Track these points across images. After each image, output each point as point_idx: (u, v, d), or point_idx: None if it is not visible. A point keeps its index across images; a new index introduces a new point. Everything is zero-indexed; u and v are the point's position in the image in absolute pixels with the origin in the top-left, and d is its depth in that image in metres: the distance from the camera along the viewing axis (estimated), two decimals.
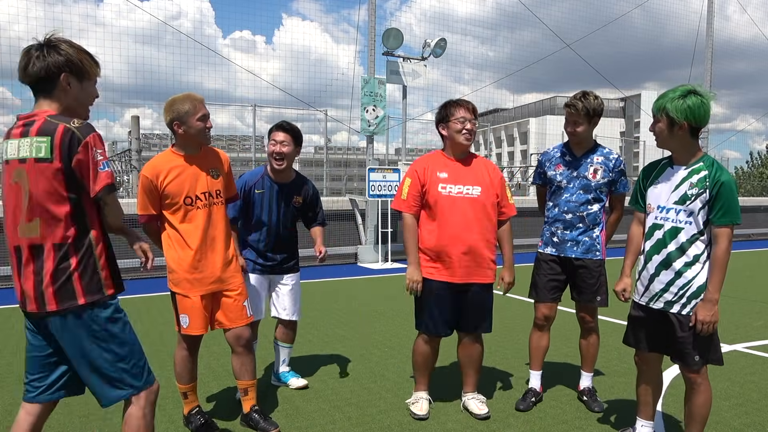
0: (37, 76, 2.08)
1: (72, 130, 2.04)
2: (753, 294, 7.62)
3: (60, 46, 2.09)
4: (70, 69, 2.10)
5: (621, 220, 3.81)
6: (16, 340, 5.32)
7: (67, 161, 2.06)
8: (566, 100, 3.60)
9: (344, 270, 10.07)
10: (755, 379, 4.27)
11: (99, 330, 2.18)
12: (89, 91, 2.20)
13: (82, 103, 2.20)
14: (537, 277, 3.77)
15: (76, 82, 2.13)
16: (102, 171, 2.09)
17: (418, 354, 3.65)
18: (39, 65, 2.07)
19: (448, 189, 3.44)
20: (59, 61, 2.07)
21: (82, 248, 2.15)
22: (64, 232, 2.12)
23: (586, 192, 3.59)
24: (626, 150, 30.22)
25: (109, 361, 2.20)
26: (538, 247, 3.80)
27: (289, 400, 3.84)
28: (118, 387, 2.24)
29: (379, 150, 17.44)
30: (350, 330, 5.77)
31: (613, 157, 3.65)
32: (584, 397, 3.79)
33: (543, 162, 3.80)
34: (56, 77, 2.08)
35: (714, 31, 16.88)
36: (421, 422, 3.49)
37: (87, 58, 2.15)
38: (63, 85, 2.10)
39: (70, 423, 3.47)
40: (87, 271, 2.15)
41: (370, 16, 11.75)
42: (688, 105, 2.66)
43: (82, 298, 2.14)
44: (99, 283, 2.18)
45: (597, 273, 3.64)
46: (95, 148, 2.07)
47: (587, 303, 3.68)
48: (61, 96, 2.13)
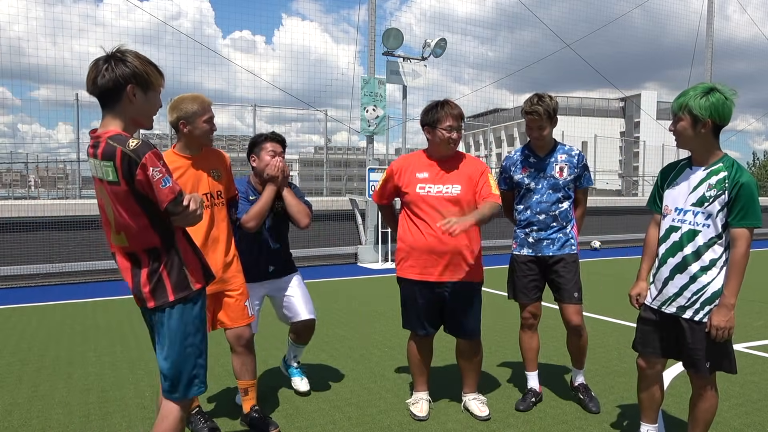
0: (106, 88, 2.15)
1: (128, 154, 2.10)
2: (753, 294, 7.62)
3: (126, 57, 2.16)
4: (136, 80, 2.17)
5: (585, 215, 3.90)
6: (16, 340, 5.32)
7: (131, 183, 2.14)
8: (523, 106, 3.57)
9: (344, 270, 10.07)
10: (755, 379, 4.27)
11: (189, 323, 2.32)
12: (153, 101, 2.27)
13: (146, 114, 2.27)
14: (516, 279, 3.74)
15: (142, 93, 2.20)
16: (163, 188, 2.15)
17: (411, 354, 3.67)
18: (108, 77, 2.14)
19: (427, 189, 3.44)
20: (126, 72, 2.14)
21: (168, 251, 2.28)
22: (149, 240, 2.24)
23: (555, 191, 3.62)
24: (626, 150, 30.18)
25: (192, 355, 2.34)
26: (513, 249, 3.79)
27: (289, 400, 3.84)
28: (193, 384, 2.35)
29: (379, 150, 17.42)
30: (350, 330, 5.77)
31: (575, 153, 3.69)
32: (580, 394, 3.77)
33: (508, 167, 3.78)
34: (123, 89, 2.15)
35: (714, 31, 16.88)
36: (421, 422, 3.49)
37: (152, 69, 2.23)
38: (129, 96, 2.17)
39: (70, 423, 3.47)
40: (174, 270, 2.28)
41: (370, 16, 11.75)
42: (711, 102, 2.58)
43: (171, 295, 2.27)
44: (185, 280, 2.30)
45: (573, 267, 3.65)
46: (152, 167, 2.13)
47: (570, 301, 3.64)
48: (126, 108, 2.20)
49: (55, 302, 7.19)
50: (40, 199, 14.81)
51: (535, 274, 3.70)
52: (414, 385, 3.73)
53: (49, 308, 6.84)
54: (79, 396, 3.90)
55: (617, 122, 64.48)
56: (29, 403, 3.76)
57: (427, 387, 3.70)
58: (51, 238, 8.91)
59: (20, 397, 3.89)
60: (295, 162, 37.38)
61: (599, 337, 5.44)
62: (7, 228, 8.61)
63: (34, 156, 19.31)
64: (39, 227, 8.85)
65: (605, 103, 68.33)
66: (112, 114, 2.20)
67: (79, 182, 16.35)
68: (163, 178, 2.14)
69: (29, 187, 21.58)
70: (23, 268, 8.52)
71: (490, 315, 6.01)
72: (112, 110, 2.20)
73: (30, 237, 8.77)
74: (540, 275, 3.71)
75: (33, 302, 7.17)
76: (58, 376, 4.31)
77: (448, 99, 3.53)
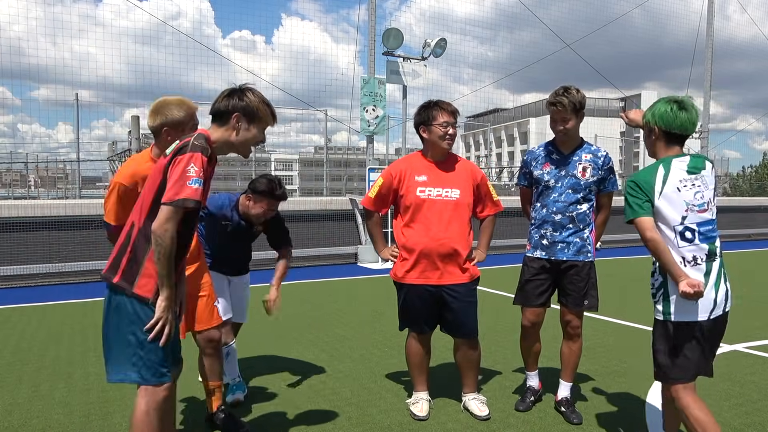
0: (219, 111, 2.45)
1: (189, 142, 2.31)
2: (753, 294, 7.61)
3: (247, 93, 2.44)
4: (245, 112, 2.42)
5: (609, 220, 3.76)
6: (16, 340, 5.32)
7: (170, 162, 2.29)
8: (548, 98, 3.49)
9: (344, 270, 10.06)
10: (755, 379, 4.27)
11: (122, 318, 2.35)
12: (254, 133, 2.47)
13: (242, 143, 2.46)
14: (525, 281, 3.62)
15: (245, 124, 2.43)
16: (191, 185, 2.23)
17: (411, 354, 3.66)
18: (225, 103, 2.44)
19: (427, 192, 3.44)
20: (238, 105, 2.42)
21: (140, 239, 2.32)
22: (135, 217, 2.37)
23: (575, 191, 3.49)
24: (626, 150, 30.21)
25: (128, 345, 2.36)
26: (526, 250, 3.66)
27: (289, 400, 3.84)
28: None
29: (379, 150, 17.45)
30: (350, 330, 5.77)
31: (602, 155, 3.56)
32: (562, 407, 3.59)
33: (529, 161, 3.66)
34: (230, 115, 2.42)
35: (714, 31, 16.88)
36: (421, 422, 3.49)
37: (265, 108, 2.47)
38: (233, 121, 2.42)
39: (70, 423, 3.47)
40: (132, 259, 2.33)
41: (370, 15, 11.76)
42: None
43: (117, 277, 2.33)
44: (134, 276, 2.32)
45: (586, 275, 3.53)
46: (194, 163, 2.25)
47: (575, 308, 3.55)
48: (227, 131, 2.44)
49: (55, 302, 7.18)
50: (40, 199, 14.83)
51: (545, 278, 3.57)
52: (414, 385, 3.72)
53: (49, 308, 6.84)
54: (79, 396, 3.90)
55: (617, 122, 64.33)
56: (29, 403, 3.76)
57: (427, 387, 3.69)
58: (51, 238, 8.90)
59: (20, 396, 3.89)
60: (295, 162, 37.35)
61: (599, 337, 5.44)
62: (7, 228, 8.60)
63: (34, 156, 19.34)
64: (39, 227, 8.85)
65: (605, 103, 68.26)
66: (215, 127, 2.46)
67: (79, 182, 16.34)
68: (195, 177, 2.24)
69: (29, 187, 21.59)
70: (23, 268, 8.52)
71: (490, 315, 6.00)
72: (218, 128, 2.45)
73: (30, 237, 8.77)
74: (550, 280, 3.58)
75: (33, 302, 7.16)
76: (59, 376, 4.31)
77: (439, 99, 3.56)
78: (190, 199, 2.21)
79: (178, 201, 2.20)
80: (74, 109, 14.20)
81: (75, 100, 14.07)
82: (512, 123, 68.52)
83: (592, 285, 3.56)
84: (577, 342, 3.64)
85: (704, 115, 17.03)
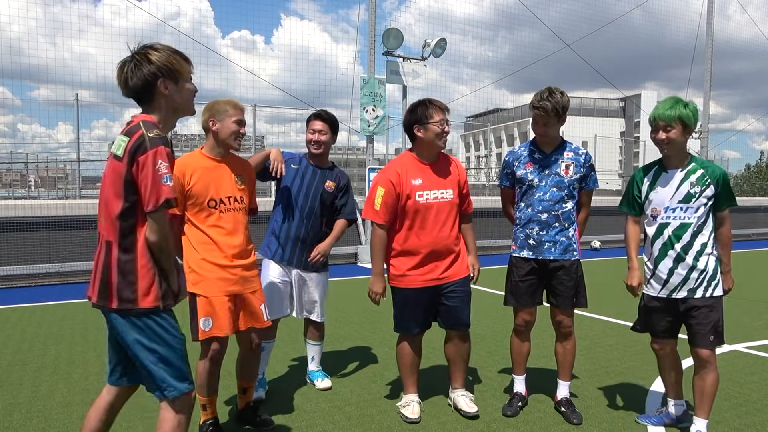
0: (138, 88, 2.19)
1: (144, 137, 2.11)
2: (753, 294, 7.62)
3: (150, 54, 2.18)
4: (164, 74, 2.18)
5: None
6: (17, 340, 5.32)
7: (131, 164, 2.12)
8: (532, 99, 3.48)
9: (344, 270, 10.06)
10: (755, 379, 4.27)
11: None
12: (187, 88, 2.28)
13: (184, 102, 2.29)
14: (514, 282, 3.61)
15: (173, 85, 2.22)
16: (164, 184, 2.12)
17: (404, 356, 3.65)
18: (137, 77, 2.17)
19: (425, 196, 3.43)
20: (152, 69, 2.16)
21: (123, 252, 2.20)
22: (110, 232, 2.21)
23: (559, 189, 3.50)
24: (626, 150, 30.18)
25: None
26: (512, 251, 3.66)
27: (289, 400, 3.84)
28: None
29: (379, 150, 17.45)
30: (350, 330, 5.77)
31: (582, 152, 3.59)
32: (562, 408, 3.60)
33: (511, 162, 3.65)
34: (153, 85, 2.18)
35: (714, 31, 16.87)
36: (421, 422, 3.49)
37: (176, 58, 2.23)
38: (161, 90, 2.20)
39: (70, 423, 3.47)
40: (122, 276, 2.21)
41: (370, 15, 11.75)
42: (691, 110, 3.10)
43: (114, 301, 2.21)
44: (132, 289, 2.20)
45: (575, 274, 3.54)
46: (160, 160, 2.12)
47: (566, 308, 3.56)
48: (161, 102, 2.22)
49: (55, 302, 7.18)
50: (40, 199, 14.82)
51: (534, 278, 3.58)
52: (404, 387, 3.70)
53: (49, 308, 6.84)
54: (79, 396, 3.90)
55: (617, 122, 64.49)
56: (30, 403, 3.76)
57: (417, 389, 3.68)
58: (51, 238, 8.90)
59: (21, 397, 3.89)
60: None
61: (599, 337, 5.44)
62: (7, 228, 8.61)
63: (34, 156, 19.31)
64: (39, 227, 8.85)
65: (605, 103, 68.34)
66: (150, 110, 2.24)
67: (79, 182, 16.34)
68: (167, 174, 2.14)
69: (29, 187, 21.56)
70: (23, 268, 8.52)
71: (490, 315, 6.00)
72: (150, 106, 2.23)
73: (30, 237, 8.77)
74: (539, 280, 3.59)
75: (33, 302, 7.16)
76: (59, 376, 4.31)
77: (431, 98, 3.57)
78: (170, 198, 2.17)
79: (161, 205, 2.15)
80: (74, 109, 14.19)
81: (75, 100, 14.07)
82: (512, 123, 68.52)
83: (581, 283, 3.60)
84: (571, 341, 3.65)
85: (704, 115, 17.04)
